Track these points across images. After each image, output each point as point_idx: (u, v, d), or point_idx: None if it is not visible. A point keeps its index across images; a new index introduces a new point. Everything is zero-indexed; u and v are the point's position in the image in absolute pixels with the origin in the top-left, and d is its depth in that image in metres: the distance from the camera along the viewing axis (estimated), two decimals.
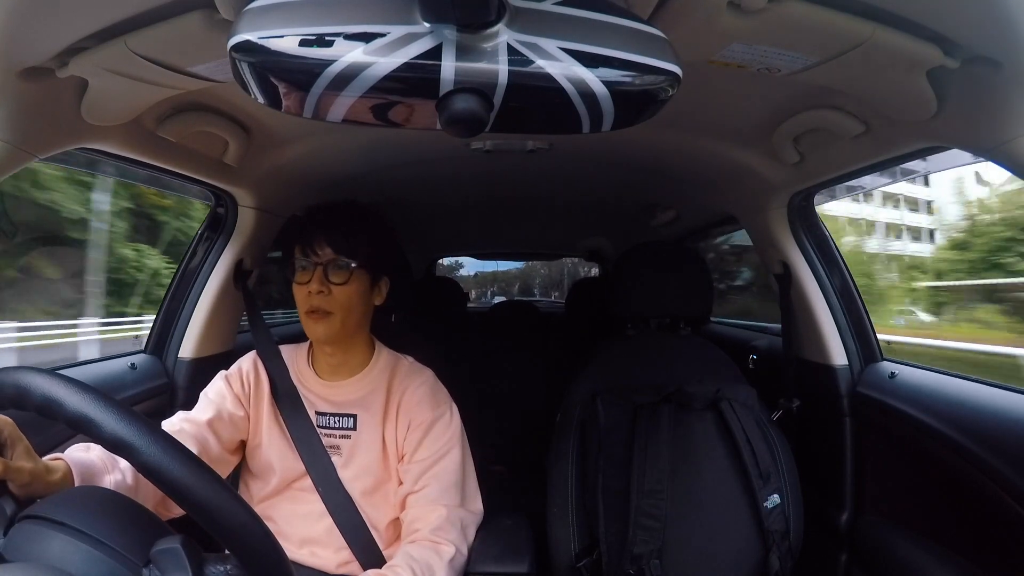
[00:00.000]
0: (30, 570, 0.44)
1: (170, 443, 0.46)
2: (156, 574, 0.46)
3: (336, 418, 0.99)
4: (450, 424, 0.98)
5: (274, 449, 0.99)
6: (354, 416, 0.99)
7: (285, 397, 1.00)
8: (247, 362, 1.05)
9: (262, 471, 1.00)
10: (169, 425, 0.94)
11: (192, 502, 0.45)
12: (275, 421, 1.00)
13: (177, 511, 0.64)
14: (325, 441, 0.98)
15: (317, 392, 1.01)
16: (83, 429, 0.45)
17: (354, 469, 0.97)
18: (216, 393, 1.00)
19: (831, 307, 1.30)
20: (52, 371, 0.49)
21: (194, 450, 0.90)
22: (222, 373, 1.04)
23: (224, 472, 1.00)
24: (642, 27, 0.48)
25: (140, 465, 0.45)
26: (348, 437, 0.98)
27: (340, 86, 0.44)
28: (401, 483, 0.96)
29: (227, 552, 0.48)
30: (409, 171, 1.46)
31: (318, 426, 0.99)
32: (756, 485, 1.14)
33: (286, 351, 1.07)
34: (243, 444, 1.02)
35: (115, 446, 0.45)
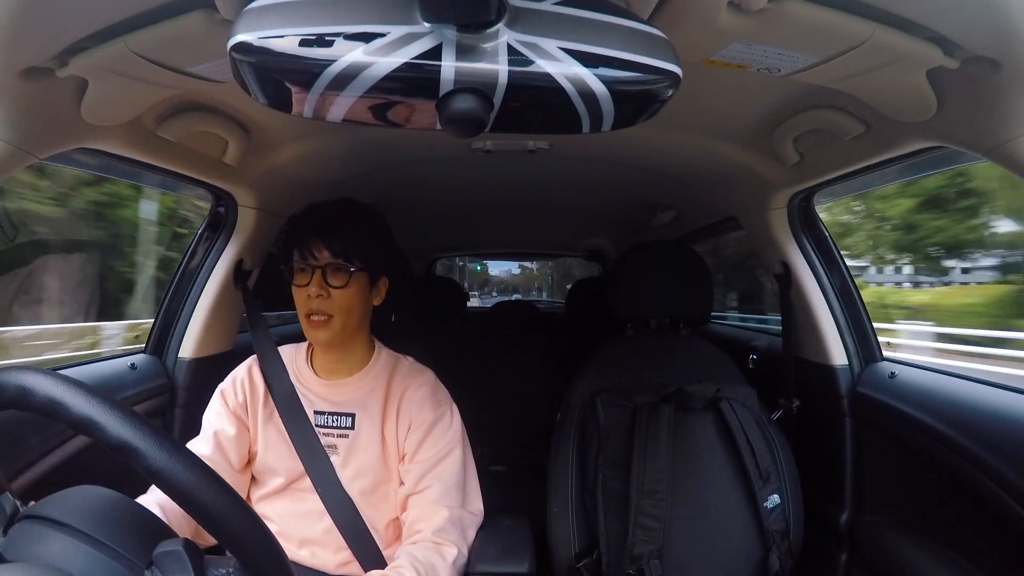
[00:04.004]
0: (31, 570, 0.43)
1: (175, 447, 0.46)
2: None
3: (334, 417, 0.99)
4: (451, 424, 0.98)
5: (273, 450, 0.99)
6: (352, 416, 0.99)
7: (283, 398, 1.00)
8: (242, 370, 1.05)
9: (261, 471, 1.00)
10: None
11: (197, 506, 0.45)
12: (274, 422, 1.00)
13: (211, 540, 0.64)
14: (323, 440, 0.98)
15: (316, 391, 1.01)
16: (87, 432, 0.45)
17: (353, 469, 0.97)
18: (216, 418, 1.01)
19: (831, 307, 1.30)
20: (54, 371, 0.49)
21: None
22: (219, 388, 1.04)
23: (244, 491, 1.01)
24: (642, 27, 0.48)
25: (144, 469, 0.44)
26: (346, 436, 0.98)
27: (340, 86, 0.44)
28: (402, 483, 0.96)
29: (228, 555, 0.48)
30: (409, 171, 1.46)
31: (316, 425, 0.99)
32: (756, 485, 1.14)
33: (285, 351, 1.07)
34: (251, 454, 1.02)
35: (119, 450, 0.44)
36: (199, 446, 0.98)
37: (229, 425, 1.00)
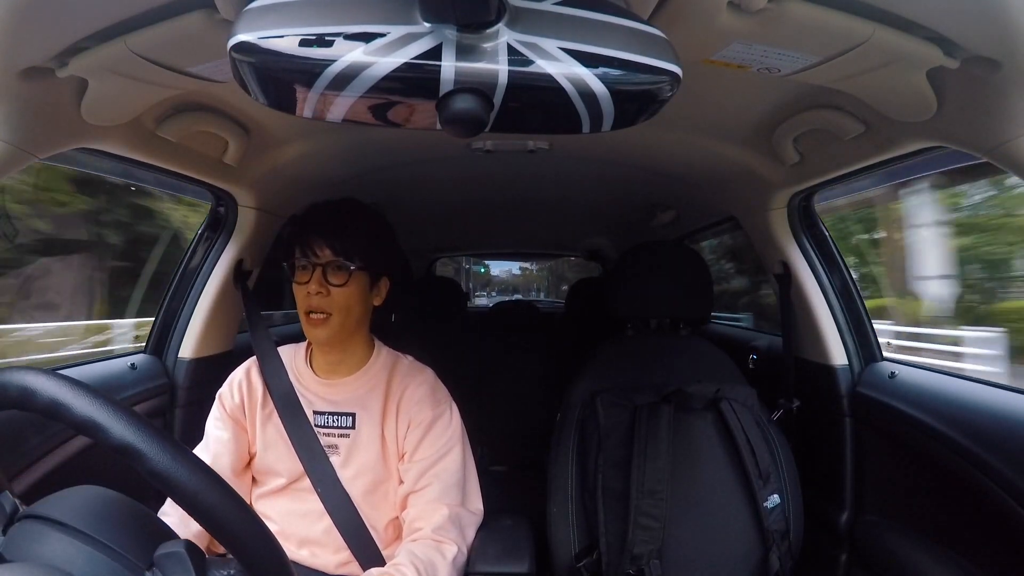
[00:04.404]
0: (31, 570, 0.43)
1: (178, 449, 0.45)
2: None
3: (334, 417, 0.99)
4: (450, 423, 0.98)
5: (273, 450, 0.99)
6: (352, 415, 0.99)
7: (282, 399, 1.00)
8: (240, 372, 1.05)
9: (262, 471, 1.00)
10: None
11: (200, 508, 0.45)
12: (273, 423, 1.00)
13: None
14: (324, 440, 0.98)
15: (315, 391, 1.01)
16: (90, 433, 0.45)
17: (353, 468, 0.97)
18: (214, 426, 1.02)
19: (831, 307, 1.30)
20: (55, 372, 0.49)
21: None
22: (218, 393, 1.05)
23: (245, 494, 1.01)
24: (642, 27, 0.48)
25: (147, 471, 0.44)
26: (347, 436, 0.98)
27: (340, 86, 0.44)
28: (401, 482, 0.96)
29: (230, 556, 0.48)
30: (409, 171, 1.46)
31: (316, 425, 0.99)
32: (756, 485, 1.14)
33: (285, 351, 1.07)
34: (251, 455, 1.03)
35: (121, 451, 0.44)
36: (198, 453, 0.99)
37: (226, 430, 1.01)
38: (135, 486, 0.61)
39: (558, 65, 0.45)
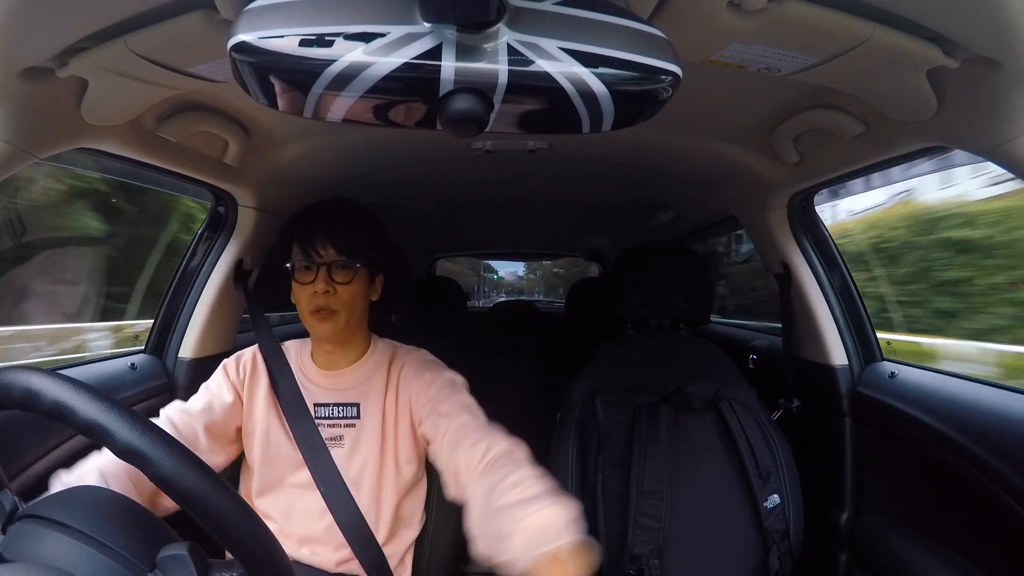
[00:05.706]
0: (32, 570, 0.43)
1: (184, 454, 0.46)
2: None
3: (338, 408, 1.00)
4: (455, 382, 0.99)
5: (274, 447, 0.99)
6: (357, 405, 0.99)
7: (286, 394, 1.00)
8: (248, 354, 1.06)
9: (262, 470, 1.00)
10: (164, 413, 0.95)
11: (205, 513, 0.45)
12: (276, 419, 1.00)
13: (170, 506, 0.64)
14: (327, 432, 0.98)
15: (318, 383, 1.02)
16: (95, 436, 0.45)
17: (359, 458, 0.97)
18: (214, 383, 1.02)
19: (831, 307, 1.30)
20: (58, 373, 0.49)
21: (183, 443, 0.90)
22: (224, 361, 1.05)
23: (222, 462, 1.01)
24: (642, 27, 0.48)
25: (153, 475, 0.44)
26: (353, 426, 0.99)
27: (340, 86, 0.44)
28: (404, 471, 0.97)
29: (232, 559, 0.48)
30: (409, 171, 1.46)
31: (318, 417, 0.99)
32: (756, 485, 1.14)
33: (289, 346, 1.07)
34: (239, 432, 1.02)
35: (128, 455, 0.44)
36: (190, 405, 0.97)
37: (224, 393, 1.00)
38: None
39: (558, 65, 0.45)
